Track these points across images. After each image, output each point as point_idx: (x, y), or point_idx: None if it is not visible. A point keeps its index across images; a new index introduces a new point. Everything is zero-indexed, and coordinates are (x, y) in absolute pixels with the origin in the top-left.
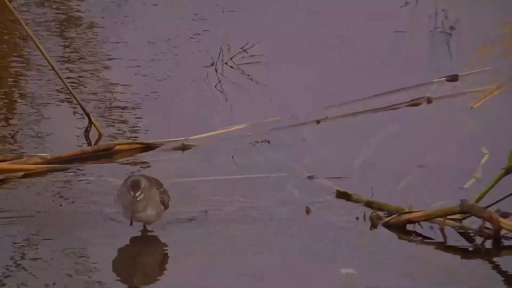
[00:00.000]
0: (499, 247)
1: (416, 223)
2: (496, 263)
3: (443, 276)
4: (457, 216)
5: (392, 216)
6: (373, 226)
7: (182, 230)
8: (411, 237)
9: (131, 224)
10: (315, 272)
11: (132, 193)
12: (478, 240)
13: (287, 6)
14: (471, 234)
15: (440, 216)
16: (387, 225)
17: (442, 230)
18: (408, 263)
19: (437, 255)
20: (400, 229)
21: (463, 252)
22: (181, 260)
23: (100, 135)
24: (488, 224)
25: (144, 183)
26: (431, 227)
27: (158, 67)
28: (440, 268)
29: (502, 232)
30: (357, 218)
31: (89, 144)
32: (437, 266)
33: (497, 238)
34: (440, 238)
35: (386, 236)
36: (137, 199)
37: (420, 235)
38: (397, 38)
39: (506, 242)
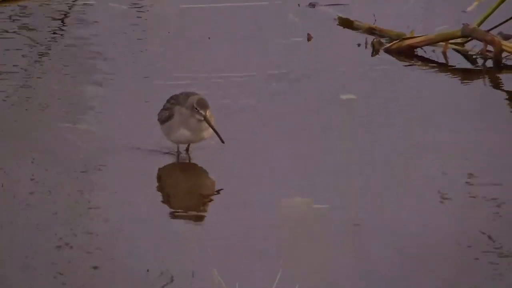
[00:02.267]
0: (500, 68)
1: (419, 48)
2: (497, 81)
3: (445, 98)
4: (459, 40)
5: (394, 42)
6: (375, 52)
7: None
8: (413, 61)
9: (223, 142)
10: (315, 100)
11: (203, 112)
12: (480, 63)
13: None
14: (473, 57)
15: (442, 41)
16: (389, 51)
17: (444, 54)
18: (410, 88)
19: (438, 78)
20: (402, 54)
21: (465, 73)
22: None
23: None
24: (489, 48)
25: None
26: (433, 51)
27: None
28: (442, 91)
29: (503, 54)
30: (358, 45)
31: None
32: (439, 89)
33: (498, 60)
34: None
35: (388, 61)
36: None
37: (422, 59)
38: None
39: (507, 63)
